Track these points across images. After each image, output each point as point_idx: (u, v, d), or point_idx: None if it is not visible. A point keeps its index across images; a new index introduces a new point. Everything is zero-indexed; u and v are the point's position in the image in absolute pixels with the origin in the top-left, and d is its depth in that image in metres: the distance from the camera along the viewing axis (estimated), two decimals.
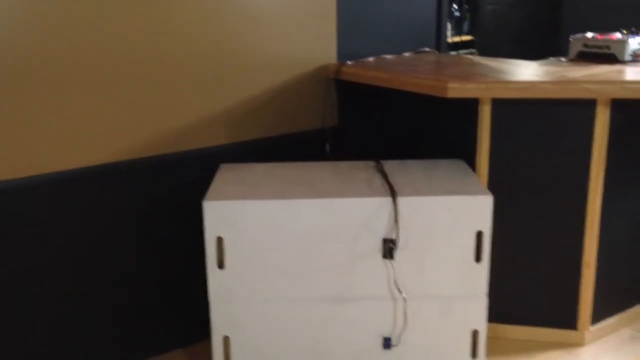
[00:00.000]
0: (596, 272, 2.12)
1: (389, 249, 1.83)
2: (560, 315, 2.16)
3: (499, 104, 2.00)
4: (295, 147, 2.35)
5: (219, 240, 1.83)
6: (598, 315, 2.18)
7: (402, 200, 1.81)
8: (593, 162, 2.00)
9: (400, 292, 1.87)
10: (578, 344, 2.16)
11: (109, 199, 2.00)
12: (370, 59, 2.45)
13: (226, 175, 2.03)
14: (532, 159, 2.04)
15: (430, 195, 1.82)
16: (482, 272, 1.87)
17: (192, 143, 2.13)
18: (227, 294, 1.87)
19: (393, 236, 1.83)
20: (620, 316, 2.24)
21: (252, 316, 1.89)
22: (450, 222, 1.82)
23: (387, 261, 1.85)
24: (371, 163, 2.14)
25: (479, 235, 1.84)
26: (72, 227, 1.95)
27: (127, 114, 1.98)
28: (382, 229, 1.83)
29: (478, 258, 1.86)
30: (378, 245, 1.84)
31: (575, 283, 2.12)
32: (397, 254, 1.84)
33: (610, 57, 2.13)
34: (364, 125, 2.46)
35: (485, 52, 3.19)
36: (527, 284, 2.15)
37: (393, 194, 1.82)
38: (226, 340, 1.91)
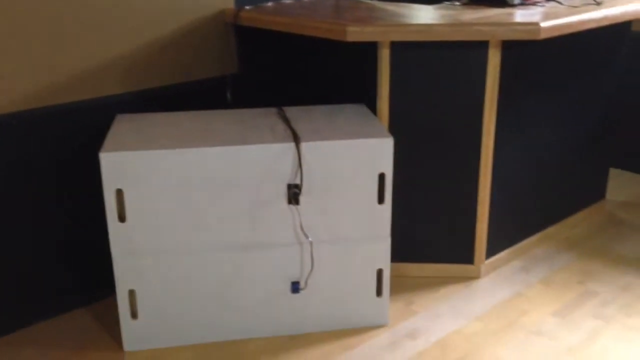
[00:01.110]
0: (490, 209, 2.23)
1: (293, 194, 1.84)
2: (458, 251, 2.27)
3: (397, 47, 2.03)
4: (195, 96, 2.29)
5: (119, 193, 1.78)
6: (492, 249, 2.31)
7: (305, 146, 1.82)
8: (486, 102, 2.08)
9: (306, 236, 1.89)
10: (475, 277, 2.29)
11: None
12: (269, 3, 2.40)
13: (123, 125, 1.96)
14: (430, 100, 2.10)
15: (333, 139, 1.83)
16: (385, 213, 1.92)
17: (86, 93, 2.02)
18: (130, 247, 1.82)
19: (297, 181, 1.84)
20: (511, 250, 2.39)
21: (158, 268, 1.86)
22: (353, 165, 1.85)
23: (292, 206, 1.86)
24: (273, 110, 2.12)
25: (381, 177, 1.89)
26: None
27: (13, 63, 1.85)
28: (286, 175, 1.83)
29: (381, 200, 1.90)
30: (283, 191, 1.84)
31: (471, 220, 2.23)
32: (302, 198, 1.86)
33: (500, 0, 2.20)
34: (265, 72, 2.43)
35: None
36: (427, 222, 2.24)
37: (296, 139, 1.82)
38: (132, 294, 1.87)
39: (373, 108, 2.11)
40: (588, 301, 2.15)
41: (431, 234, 2.25)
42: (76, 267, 2.12)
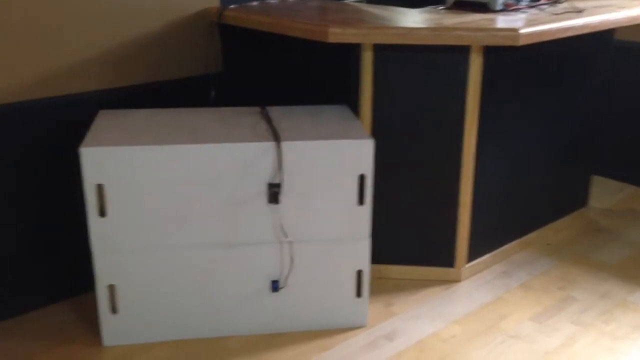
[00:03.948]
0: (471, 213, 2.25)
1: (273, 193, 1.85)
2: (439, 254, 2.28)
3: (380, 50, 2.04)
4: (178, 94, 2.30)
5: (99, 188, 1.78)
6: (473, 253, 2.32)
7: (286, 145, 1.83)
8: (468, 106, 2.10)
9: (286, 235, 1.90)
10: (455, 280, 2.30)
11: None
12: (254, 3, 2.42)
13: (105, 121, 1.97)
14: (412, 104, 2.11)
15: (314, 139, 1.84)
16: (365, 215, 1.93)
17: (70, 88, 2.03)
18: (110, 242, 1.83)
19: (277, 181, 1.85)
20: (492, 254, 2.40)
21: (138, 263, 1.86)
22: (334, 166, 1.86)
23: (272, 205, 1.87)
24: (256, 109, 2.13)
25: (362, 178, 1.90)
26: None
27: None
28: (266, 174, 1.84)
29: (361, 201, 1.91)
30: (263, 190, 1.85)
31: (452, 224, 2.24)
32: (282, 198, 1.86)
33: (483, 6, 2.22)
34: (249, 71, 2.44)
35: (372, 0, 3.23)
36: (408, 225, 2.25)
37: (277, 138, 1.84)
38: (112, 288, 1.88)
39: (355, 109, 2.12)
40: (567, 307, 2.16)
41: (412, 236, 2.26)
42: (58, 261, 2.12)
